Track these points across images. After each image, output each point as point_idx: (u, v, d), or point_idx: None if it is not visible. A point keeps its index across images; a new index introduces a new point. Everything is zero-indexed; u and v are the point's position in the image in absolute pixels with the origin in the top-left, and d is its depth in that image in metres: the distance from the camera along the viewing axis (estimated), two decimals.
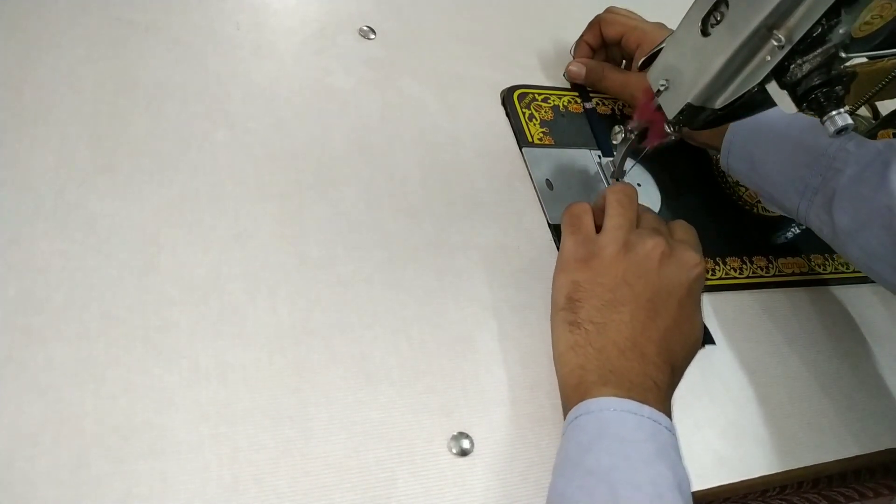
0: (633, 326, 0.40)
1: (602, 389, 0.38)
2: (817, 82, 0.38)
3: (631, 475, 0.34)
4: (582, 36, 0.61)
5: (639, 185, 0.56)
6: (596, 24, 0.60)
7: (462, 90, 0.57)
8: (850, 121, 0.38)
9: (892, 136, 0.60)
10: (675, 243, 0.44)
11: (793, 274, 0.57)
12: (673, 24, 0.44)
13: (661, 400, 0.39)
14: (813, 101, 0.39)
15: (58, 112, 0.43)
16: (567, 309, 0.42)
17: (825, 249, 0.59)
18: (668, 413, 0.39)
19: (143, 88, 0.46)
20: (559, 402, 0.42)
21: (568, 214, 0.47)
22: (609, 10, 0.60)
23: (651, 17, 0.73)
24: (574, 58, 0.61)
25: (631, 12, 0.60)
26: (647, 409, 0.37)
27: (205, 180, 0.44)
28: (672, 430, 0.37)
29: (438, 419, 0.39)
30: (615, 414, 0.36)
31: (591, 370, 0.39)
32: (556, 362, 0.42)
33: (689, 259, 0.43)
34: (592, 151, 0.58)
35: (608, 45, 0.60)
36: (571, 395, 0.39)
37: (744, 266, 0.55)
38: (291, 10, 0.56)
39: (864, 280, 0.59)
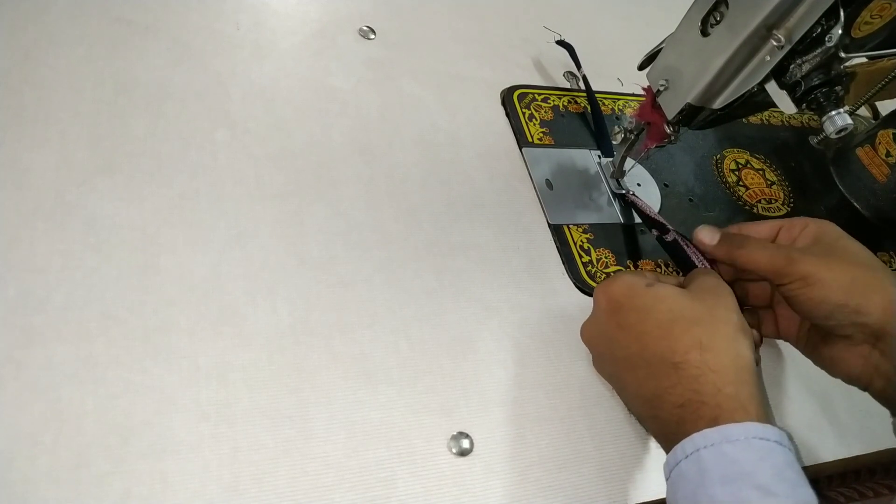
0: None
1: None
2: (817, 82, 0.38)
3: None
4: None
5: (638, 184, 0.56)
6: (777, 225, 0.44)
7: (462, 90, 0.57)
8: (849, 121, 0.38)
9: (892, 136, 0.60)
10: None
11: None
12: (672, 25, 0.44)
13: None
14: (812, 101, 0.39)
15: (58, 112, 0.43)
16: None
17: None
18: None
19: (143, 88, 0.47)
20: (559, 401, 0.42)
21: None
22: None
23: (651, 16, 0.73)
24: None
25: None
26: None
27: (205, 180, 0.44)
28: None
29: (438, 419, 0.39)
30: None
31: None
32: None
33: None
34: (592, 151, 0.58)
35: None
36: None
37: None
38: (291, 10, 0.56)
39: None
